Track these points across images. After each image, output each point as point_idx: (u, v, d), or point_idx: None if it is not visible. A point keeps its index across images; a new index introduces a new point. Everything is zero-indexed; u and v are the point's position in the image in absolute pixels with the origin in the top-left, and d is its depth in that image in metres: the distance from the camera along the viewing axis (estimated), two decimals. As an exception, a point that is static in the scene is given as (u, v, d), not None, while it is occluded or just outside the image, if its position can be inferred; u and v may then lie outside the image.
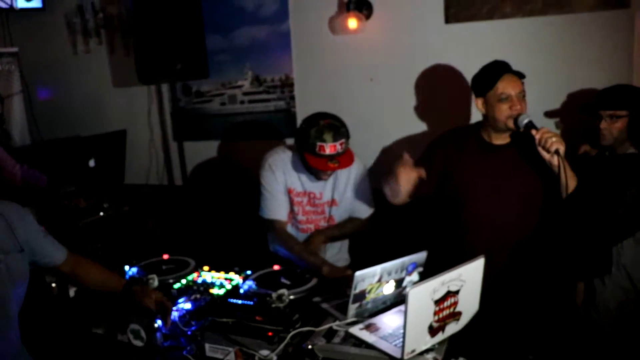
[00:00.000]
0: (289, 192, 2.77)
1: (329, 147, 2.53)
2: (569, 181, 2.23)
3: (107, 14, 4.47)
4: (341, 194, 2.78)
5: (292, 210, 2.80)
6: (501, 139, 2.47)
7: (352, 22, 3.48)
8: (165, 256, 2.61)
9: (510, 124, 2.36)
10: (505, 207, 2.42)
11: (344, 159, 2.58)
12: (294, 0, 3.79)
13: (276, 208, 2.76)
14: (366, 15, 3.51)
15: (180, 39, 3.73)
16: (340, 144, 2.55)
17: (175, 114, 4.21)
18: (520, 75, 2.41)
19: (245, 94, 4.05)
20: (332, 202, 2.79)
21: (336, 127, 2.57)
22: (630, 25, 2.98)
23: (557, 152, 2.19)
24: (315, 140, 2.53)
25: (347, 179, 2.79)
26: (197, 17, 3.82)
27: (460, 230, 2.54)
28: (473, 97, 2.52)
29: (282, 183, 2.75)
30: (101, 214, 3.24)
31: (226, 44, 4.03)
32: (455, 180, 2.51)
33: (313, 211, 2.80)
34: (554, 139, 2.20)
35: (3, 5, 4.39)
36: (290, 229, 2.82)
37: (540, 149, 2.23)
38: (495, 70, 2.41)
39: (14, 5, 4.43)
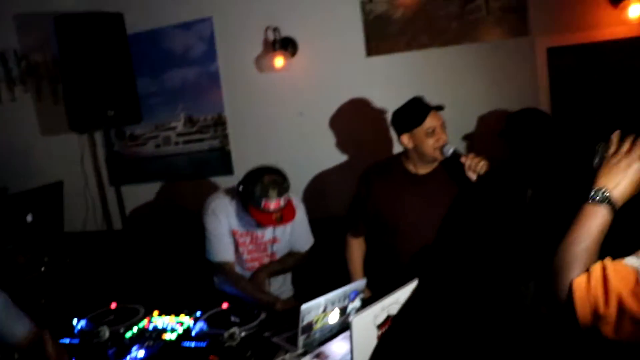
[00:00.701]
0: (233, 233, 2.85)
1: (274, 204, 2.62)
2: None
3: (31, 61, 4.44)
4: (282, 232, 2.89)
5: (236, 251, 2.88)
6: (426, 169, 2.65)
7: (279, 61, 3.62)
8: (113, 305, 2.62)
9: (438, 154, 2.53)
10: (435, 232, 2.59)
11: (287, 212, 2.69)
12: (221, 42, 3.90)
13: (223, 250, 2.83)
14: (291, 53, 3.67)
15: (111, 84, 3.76)
16: (284, 199, 2.66)
17: (110, 158, 4.22)
18: (439, 108, 2.58)
19: (179, 134, 4.12)
20: (274, 240, 2.89)
21: (279, 183, 2.65)
22: (532, 51, 3.25)
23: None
24: (260, 197, 2.62)
25: None
26: (126, 62, 3.86)
27: (395, 258, 2.69)
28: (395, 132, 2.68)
29: (226, 226, 2.82)
30: (42, 268, 3.21)
31: (157, 87, 4.10)
32: (385, 212, 2.67)
33: (256, 249, 2.90)
34: (481, 163, 2.40)
35: None
36: (236, 268, 2.91)
37: (469, 173, 2.42)
38: (422, 109, 2.57)
39: None
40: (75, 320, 2.46)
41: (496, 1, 3.27)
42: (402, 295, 1.97)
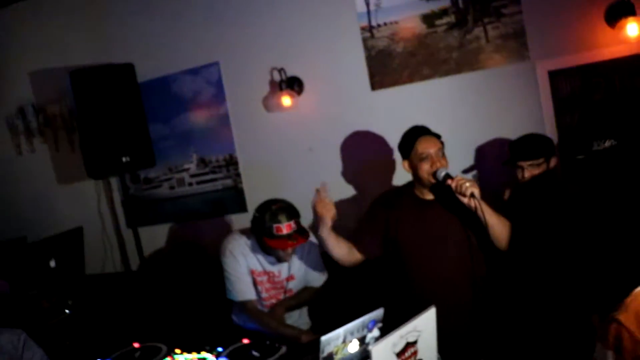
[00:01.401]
0: (251, 273, 2.92)
1: (285, 227, 2.73)
2: (489, 219, 2.45)
3: (48, 113, 4.58)
4: (297, 269, 2.97)
5: (255, 290, 2.95)
6: (431, 194, 2.70)
7: (286, 100, 3.71)
8: (136, 344, 2.66)
9: (432, 179, 2.59)
10: (447, 256, 2.63)
11: (301, 235, 2.78)
12: (228, 84, 4.01)
13: (245, 290, 2.91)
14: (297, 92, 3.76)
15: (125, 131, 3.89)
16: (295, 222, 2.76)
17: (127, 202, 4.31)
18: (433, 134, 2.65)
19: (192, 175, 4.21)
20: (290, 278, 2.96)
21: (287, 207, 2.79)
22: (533, 75, 3.31)
23: (472, 195, 2.42)
24: (272, 223, 2.73)
25: (301, 255, 2.97)
26: (138, 109, 4.00)
27: (409, 284, 2.72)
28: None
29: (245, 265, 2.90)
30: (67, 311, 3.28)
31: (169, 131, 4.20)
32: (398, 238, 2.72)
33: (273, 287, 2.97)
34: (467, 184, 2.43)
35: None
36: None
37: (458, 195, 2.46)
38: (413, 134, 2.66)
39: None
40: (101, 362, 2.51)
41: (495, 29, 3.36)
42: (419, 322, 2.00)
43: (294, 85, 3.75)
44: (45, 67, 4.51)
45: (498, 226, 2.51)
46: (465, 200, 2.45)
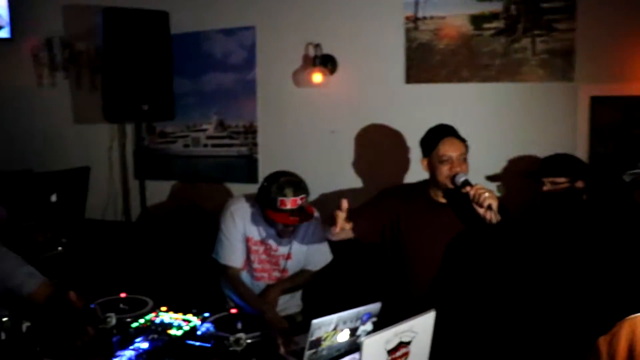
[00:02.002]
0: (247, 240, 2.84)
1: (290, 202, 2.61)
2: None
3: (75, 49, 4.52)
4: (297, 249, 2.86)
5: (248, 258, 2.87)
6: (446, 199, 2.61)
7: (317, 77, 3.63)
8: (123, 294, 2.61)
9: (449, 184, 2.49)
10: (450, 264, 2.54)
11: (304, 213, 2.66)
12: (261, 51, 3.93)
13: (232, 254, 2.82)
14: (330, 70, 3.68)
15: (149, 79, 3.84)
16: (301, 199, 2.64)
17: (139, 152, 4.25)
18: (459, 137, 2.55)
19: (209, 137, 4.15)
20: (288, 256, 2.86)
21: (296, 182, 2.67)
22: (574, 98, 3.21)
23: (489, 207, 2.32)
24: (277, 195, 2.61)
25: (304, 233, 2.87)
26: (166, 60, 3.94)
27: (408, 285, 2.64)
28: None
29: (241, 231, 2.82)
30: (59, 248, 3.24)
31: (193, 88, 4.14)
32: (403, 237, 2.63)
33: (268, 261, 2.87)
34: (486, 195, 2.32)
35: (-29, 34, 4.40)
36: (245, 275, 2.88)
37: (474, 205, 2.36)
38: (437, 133, 2.56)
39: (-18, 34, 4.45)
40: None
41: (543, 43, 3.25)
42: (417, 324, 1.93)
43: (327, 63, 3.67)
44: (79, 3, 4.44)
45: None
46: (481, 210, 2.35)
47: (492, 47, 3.38)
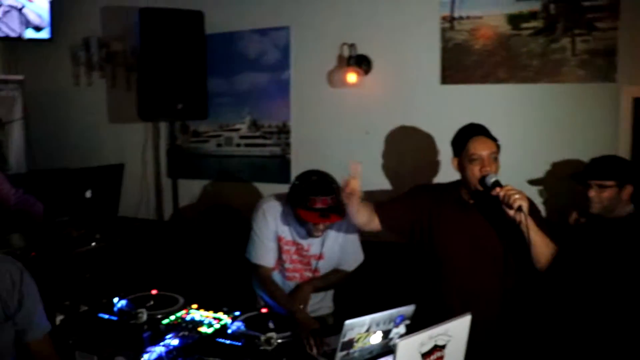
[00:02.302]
0: (278, 239, 2.82)
1: (320, 201, 2.58)
2: (533, 236, 2.27)
3: (111, 49, 4.58)
4: (329, 249, 2.83)
5: (280, 258, 2.85)
6: (476, 198, 2.53)
7: (352, 77, 3.60)
8: (154, 291, 2.62)
9: (478, 185, 2.41)
10: (482, 265, 2.47)
11: (335, 214, 2.63)
12: (295, 51, 3.92)
13: (264, 254, 2.81)
14: (365, 71, 3.64)
15: (183, 79, 3.85)
16: (332, 199, 2.60)
17: (172, 151, 4.28)
18: (493, 138, 2.48)
19: (242, 137, 4.15)
20: (320, 257, 2.83)
21: (328, 182, 2.64)
22: (616, 100, 3.11)
23: (519, 208, 2.24)
24: (308, 194, 2.60)
25: (336, 234, 2.84)
26: (201, 60, 3.96)
27: (438, 288, 2.57)
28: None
29: (273, 230, 2.80)
30: (93, 244, 3.26)
31: (227, 88, 4.15)
32: (433, 236, 2.57)
33: (299, 261, 2.85)
34: (516, 196, 2.24)
35: (12, 34, 4.49)
36: (276, 275, 2.87)
37: (504, 206, 2.28)
38: (468, 132, 2.49)
39: (23, 35, 4.54)
40: (116, 299, 2.47)
41: (584, 42, 3.16)
42: (452, 327, 1.88)
43: (362, 63, 3.63)
44: (116, 4, 4.51)
45: (541, 245, 2.34)
46: (510, 212, 2.28)
47: (530, 47, 3.30)
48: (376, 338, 2.08)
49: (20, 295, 1.97)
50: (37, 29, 4.59)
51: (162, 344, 2.11)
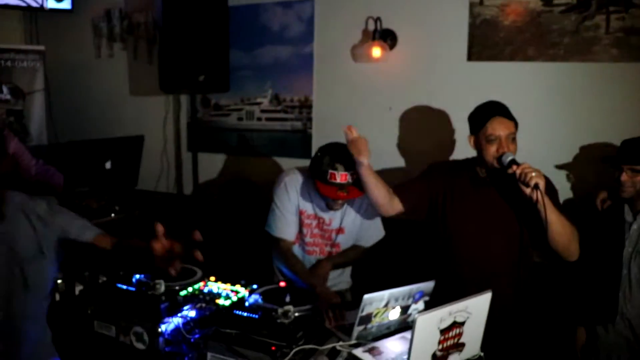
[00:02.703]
0: (300, 213, 2.80)
1: (340, 176, 2.56)
2: (549, 215, 2.22)
3: (133, 20, 4.56)
4: (350, 223, 2.81)
5: (300, 232, 2.82)
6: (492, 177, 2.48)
7: (376, 51, 3.53)
8: (172, 263, 2.61)
9: (496, 164, 2.37)
10: (497, 242, 2.44)
11: (354, 189, 2.60)
12: (319, 24, 3.85)
13: (285, 227, 2.78)
14: (390, 46, 3.57)
15: (205, 52, 3.80)
16: (352, 175, 2.57)
17: (193, 124, 4.25)
18: (512, 118, 2.42)
19: (263, 111, 4.11)
20: (340, 230, 2.81)
21: (349, 157, 2.59)
22: (651, 80, 3.02)
23: (536, 186, 2.19)
24: (328, 168, 2.57)
25: (358, 209, 2.81)
26: (223, 32, 3.91)
27: (453, 264, 2.54)
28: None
29: (295, 204, 2.77)
30: (112, 215, 3.26)
31: (249, 61, 4.10)
32: (448, 214, 2.53)
33: (320, 235, 2.83)
34: (533, 174, 2.20)
35: (34, 4, 4.48)
36: (296, 248, 2.85)
37: (520, 184, 2.24)
38: (487, 111, 2.43)
39: (44, 5, 4.54)
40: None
41: (618, 20, 3.05)
42: (472, 304, 1.84)
43: (387, 38, 3.55)
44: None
45: (557, 225, 2.27)
46: (527, 190, 2.23)
47: (562, 24, 3.20)
48: (394, 313, 2.06)
49: (58, 222, 2.03)
50: (59, -1, 4.58)
51: (179, 315, 2.10)
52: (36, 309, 2.08)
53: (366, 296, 1.91)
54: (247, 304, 2.22)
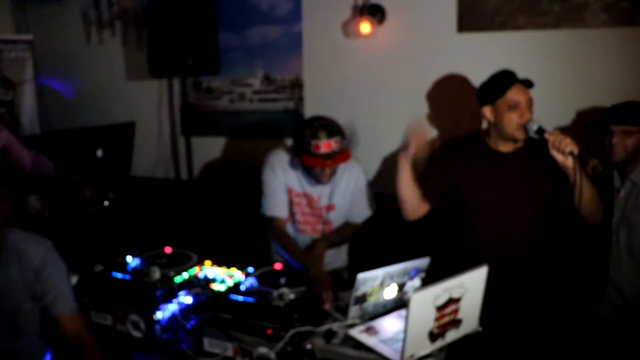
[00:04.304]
0: (289, 191, 2.80)
1: (324, 145, 2.55)
2: (584, 185, 2.21)
3: (122, 6, 4.50)
4: (339, 199, 2.81)
5: (291, 211, 2.83)
6: (507, 147, 2.46)
7: (365, 27, 3.48)
8: (168, 249, 2.62)
9: (519, 133, 2.35)
10: (512, 217, 2.41)
11: (340, 156, 2.60)
12: (307, 2, 3.80)
13: (277, 205, 2.80)
14: (379, 20, 3.52)
15: (194, 34, 3.75)
16: (335, 142, 2.58)
17: (185, 109, 4.22)
18: (529, 84, 2.40)
19: (254, 92, 4.07)
20: (330, 207, 2.81)
21: (330, 125, 2.61)
22: (642, 44, 2.98)
23: (571, 153, 2.17)
24: (310, 139, 2.57)
25: (346, 184, 2.81)
26: (210, 14, 3.85)
27: (466, 239, 2.53)
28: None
29: (283, 182, 2.79)
30: (106, 203, 3.26)
31: (238, 42, 4.05)
32: (462, 190, 2.51)
33: (310, 213, 2.83)
34: (567, 140, 2.18)
35: (22, -7, 4.43)
36: (289, 228, 2.86)
37: (554, 152, 2.21)
38: (506, 79, 2.41)
39: (31, -7, 4.48)
40: (130, 258, 2.47)
41: (608, -15, 3.02)
42: (467, 279, 1.84)
43: (376, 12, 3.50)
44: (126, -41, 4.40)
45: (588, 192, 2.25)
46: (560, 158, 2.20)
47: (552, -9, 3.16)
48: (391, 291, 2.06)
49: (46, 277, 1.97)
50: (46, -13, 4.52)
51: (175, 301, 2.11)
52: (34, 349, 2.06)
53: (360, 275, 1.91)
54: (242, 287, 2.23)
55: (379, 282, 1.98)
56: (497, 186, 2.43)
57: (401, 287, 2.09)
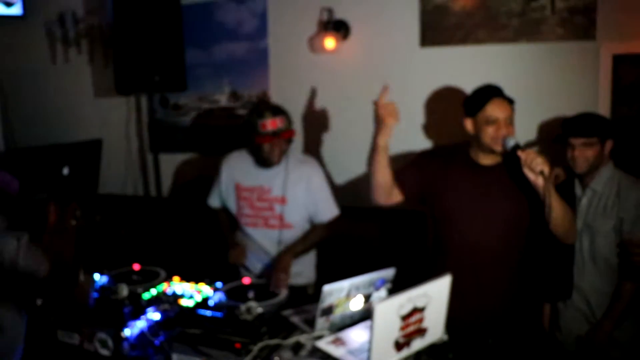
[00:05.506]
0: (236, 187, 2.93)
1: (270, 123, 2.73)
2: (554, 203, 2.24)
3: (88, 23, 4.47)
4: (291, 193, 2.84)
5: (239, 206, 2.94)
6: (488, 160, 2.49)
7: (329, 42, 3.54)
8: (136, 266, 2.61)
9: (495, 146, 2.38)
10: (489, 229, 2.44)
11: (286, 133, 2.79)
12: (273, 19, 3.85)
13: (213, 197, 3.10)
14: (343, 36, 3.58)
15: (160, 51, 3.77)
16: (280, 120, 2.76)
17: (152, 125, 4.22)
18: (510, 101, 2.44)
19: (222, 109, 4.09)
20: (282, 200, 2.85)
21: (275, 107, 2.84)
22: (596, 57, 3.09)
23: (542, 173, 2.21)
24: (257, 119, 2.75)
25: (299, 177, 2.85)
26: (177, 31, 3.86)
27: (443, 250, 2.55)
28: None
29: (231, 176, 2.97)
30: (73, 222, 3.21)
31: (205, 59, 4.08)
32: (442, 200, 2.53)
33: (261, 207, 2.90)
34: (539, 160, 2.21)
35: (-19, 11, 4.38)
36: (246, 228, 2.96)
37: (526, 170, 2.25)
38: (486, 93, 2.44)
39: (-7, 11, 4.43)
40: (97, 276, 2.45)
41: (563, 0, 3.12)
42: (431, 288, 1.88)
43: (340, 28, 3.57)
44: (91, -23, 4.39)
45: (559, 212, 2.29)
46: (532, 176, 2.24)
47: (509, 6, 3.26)
48: (357, 303, 2.09)
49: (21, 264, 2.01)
50: (8, 4, 4.46)
51: (143, 318, 2.10)
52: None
53: (326, 287, 1.94)
54: (210, 302, 2.24)
55: (345, 294, 2.01)
56: (472, 197, 2.46)
57: (367, 298, 2.12)
